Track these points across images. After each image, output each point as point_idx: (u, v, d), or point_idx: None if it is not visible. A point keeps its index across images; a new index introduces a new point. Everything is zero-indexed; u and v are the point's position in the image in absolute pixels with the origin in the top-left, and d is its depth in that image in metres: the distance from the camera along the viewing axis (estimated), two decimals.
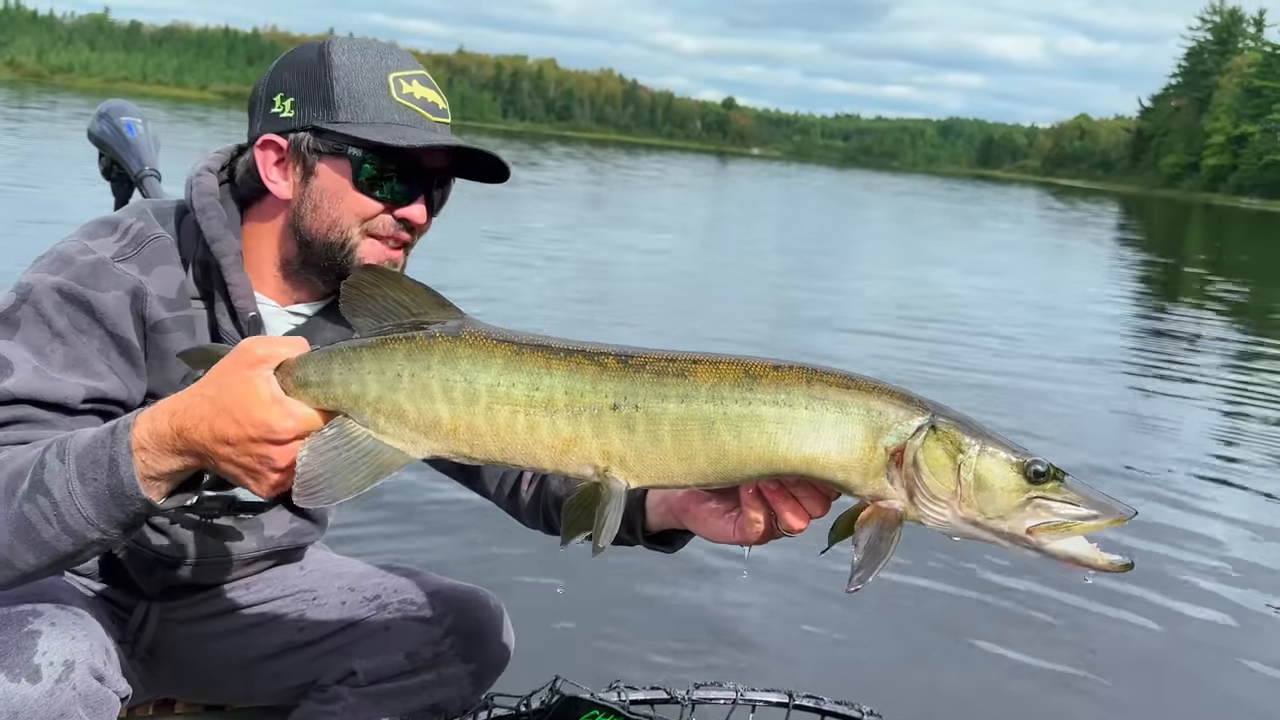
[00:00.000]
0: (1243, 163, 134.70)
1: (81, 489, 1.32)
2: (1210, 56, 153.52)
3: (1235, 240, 39.76)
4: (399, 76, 1.59)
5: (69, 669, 1.41)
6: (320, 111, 1.56)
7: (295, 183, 1.59)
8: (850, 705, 1.67)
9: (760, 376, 1.15)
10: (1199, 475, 5.83)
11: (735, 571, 3.73)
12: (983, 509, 1.12)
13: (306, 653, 1.93)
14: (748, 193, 38.61)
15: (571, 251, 13.02)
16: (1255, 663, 3.51)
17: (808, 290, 11.62)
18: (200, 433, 1.28)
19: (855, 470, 1.14)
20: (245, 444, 1.26)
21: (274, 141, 1.60)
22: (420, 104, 1.60)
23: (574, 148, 71.07)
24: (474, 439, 1.21)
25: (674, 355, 1.20)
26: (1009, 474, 1.12)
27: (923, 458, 1.12)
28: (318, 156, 1.57)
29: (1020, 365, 8.56)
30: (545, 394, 1.18)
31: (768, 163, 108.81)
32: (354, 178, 1.56)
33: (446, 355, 1.21)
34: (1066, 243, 27.84)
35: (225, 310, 1.61)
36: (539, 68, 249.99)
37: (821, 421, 1.13)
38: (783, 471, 1.16)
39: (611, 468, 1.18)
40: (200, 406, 1.29)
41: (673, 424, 1.16)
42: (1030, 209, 47.41)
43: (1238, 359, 10.60)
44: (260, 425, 1.25)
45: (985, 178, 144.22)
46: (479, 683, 1.93)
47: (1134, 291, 17.06)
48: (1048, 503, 1.13)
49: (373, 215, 1.58)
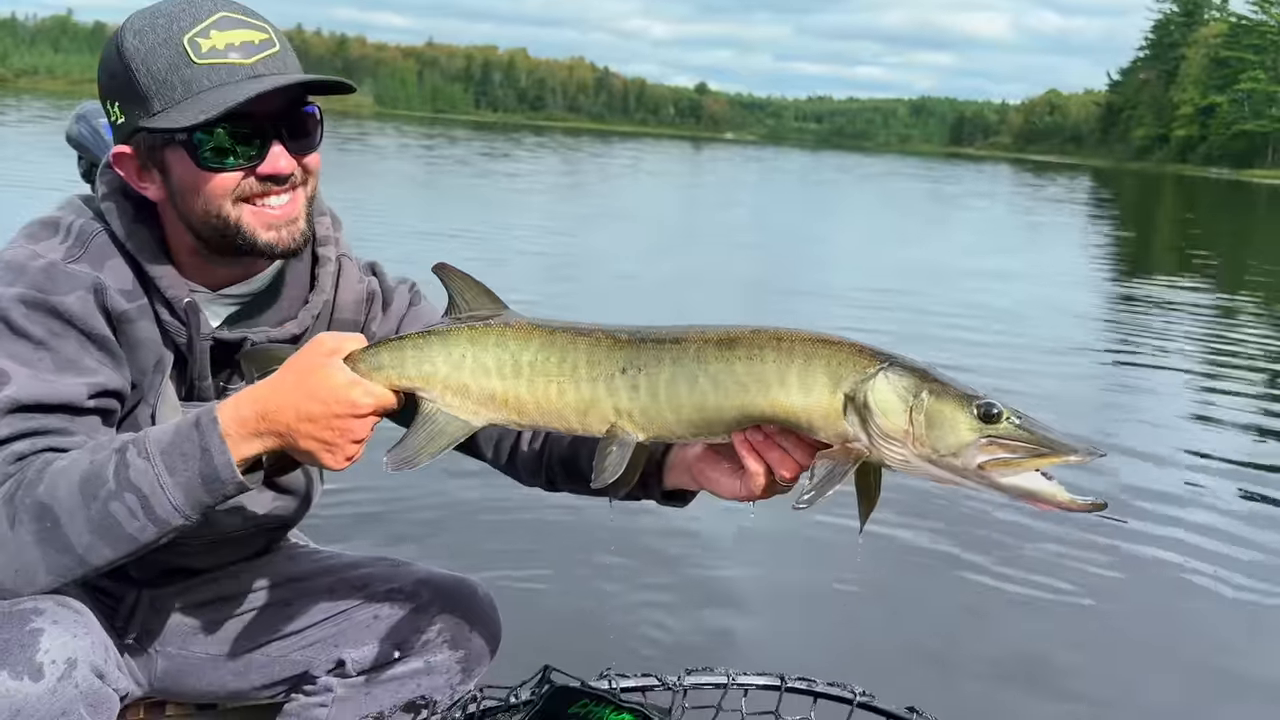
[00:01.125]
0: (1211, 133, 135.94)
1: (171, 480, 1.43)
2: (1177, 28, 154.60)
3: (1206, 210, 40.14)
4: (194, 36, 1.50)
5: (71, 667, 1.42)
6: (137, 108, 1.53)
7: (159, 183, 1.58)
8: (842, 686, 1.67)
9: (737, 338, 1.33)
10: (1176, 436, 5.90)
11: (723, 555, 3.74)
12: (935, 446, 1.21)
13: (295, 642, 1.93)
14: (725, 182, 38.55)
15: (541, 251, 12.95)
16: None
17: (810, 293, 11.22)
18: (285, 414, 1.43)
19: (818, 414, 1.28)
20: (329, 420, 1.43)
21: (124, 153, 1.58)
22: (225, 53, 1.51)
23: (548, 137, 70.91)
24: (520, 406, 1.45)
25: (675, 328, 1.40)
26: (958, 413, 1.21)
27: (875, 400, 1.23)
28: (159, 152, 1.55)
29: (1012, 341, 8.59)
30: (571, 364, 1.41)
31: (742, 147, 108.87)
32: (196, 160, 1.53)
33: (499, 339, 1.45)
34: (1050, 219, 27.97)
35: (160, 302, 1.61)
36: (510, 58, 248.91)
37: (787, 372, 1.29)
38: (757, 417, 1.33)
39: (621, 422, 1.39)
40: (283, 392, 1.44)
41: (665, 382, 1.36)
42: (1007, 186, 47.64)
43: (1212, 321, 10.71)
44: (344, 402, 1.43)
45: (958, 156, 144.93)
46: (468, 671, 1.93)
47: (1112, 263, 17.19)
48: (1000, 440, 1.19)
49: (236, 184, 1.55)
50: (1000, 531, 4.17)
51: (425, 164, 26.97)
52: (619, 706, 1.76)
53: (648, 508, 3.76)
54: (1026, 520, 4.30)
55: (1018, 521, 4.29)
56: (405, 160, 31.43)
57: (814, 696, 1.69)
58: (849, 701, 1.66)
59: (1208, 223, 32.24)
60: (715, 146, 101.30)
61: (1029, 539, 4.13)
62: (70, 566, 1.44)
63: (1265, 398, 7.50)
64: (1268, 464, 5.65)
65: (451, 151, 37.52)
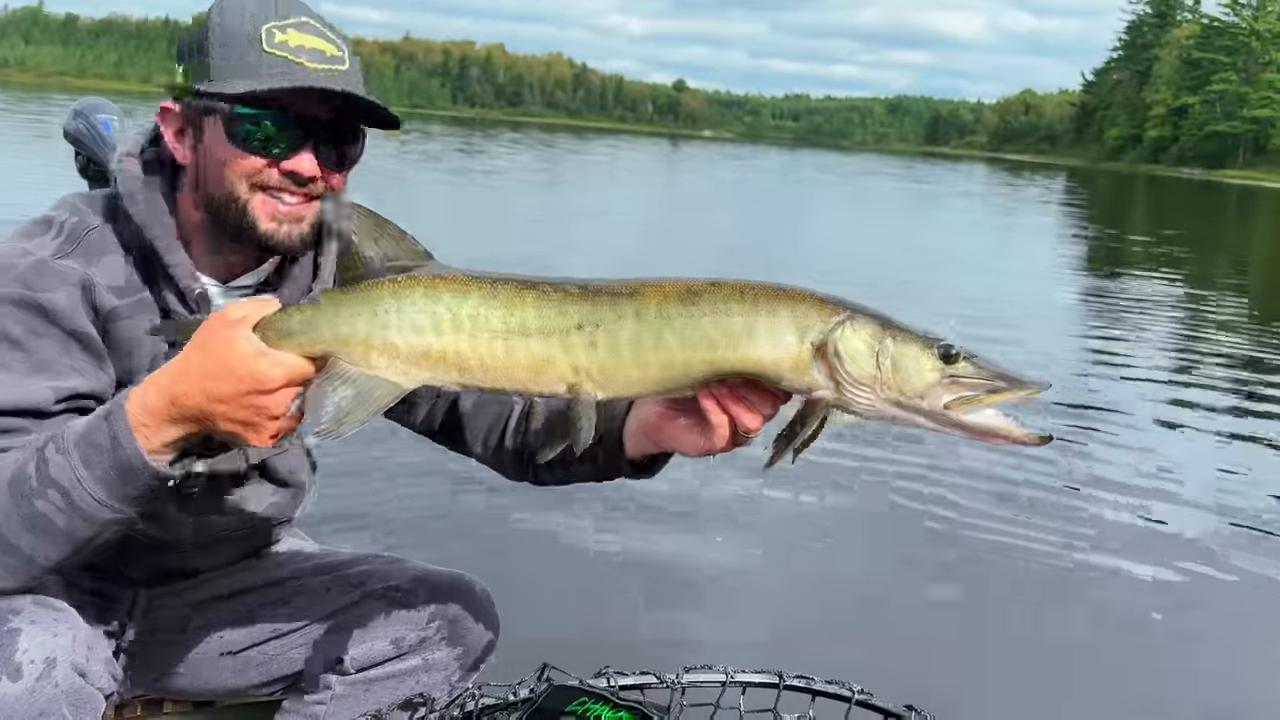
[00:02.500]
0: (1183, 134, 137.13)
1: (88, 474, 1.37)
2: (1150, 29, 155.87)
3: (1177, 211, 40.50)
4: (272, 26, 1.55)
5: (50, 666, 1.41)
6: (201, 74, 1.56)
7: (191, 147, 1.60)
8: (841, 684, 1.68)
9: (700, 292, 1.31)
10: (1151, 420, 5.97)
11: (721, 551, 3.73)
12: (902, 389, 1.24)
13: (293, 640, 1.93)
14: (705, 180, 38.48)
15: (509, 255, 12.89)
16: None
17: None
18: (194, 397, 1.34)
19: (786, 365, 1.28)
20: (239, 399, 1.33)
21: (170, 109, 1.61)
22: (295, 52, 1.55)
23: (524, 134, 70.57)
24: (461, 364, 1.34)
25: (628, 280, 1.34)
26: (922, 355, 1.24)
27: (843, 348, 1.25)
28: (201, 118, 1.57)
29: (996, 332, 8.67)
30: (519, 320, 1.32)
31: (720, 145, 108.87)
32: (228, 134, 1.55)
33: (429, 291, 1.34)
34: (1038, 220, 28.14)
35: (171, 292, 1.61)
36: (487, 53, 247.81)
37: (754, 325, 1.27)
38: (724, 371, 1.31)
39: (581, 382, 1.32)
40: (189, 373, 1.35)
41: (628, 338, 1.30)
42: (990, 186, 47.89)
43: (1185, 319, 10.84)
44: (249, 377, 1.32)
45: (934, 155, 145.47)
46: (466, 668, 1.92)
47: (1089, 261, 17.33)
48: (961, 379, 1.24)
49: (257, 171, 1.56)
50: (996, 531, 4.19)
51: (400, 161, 26.74)
52: (617, 704, 1.76)
53: (642, 502, 3.76)
54: (1023, 515, 4.34)
55: (1014, 516, 4.32)
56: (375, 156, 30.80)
57: (812, 694, 1.69)
58: (847, 699, 1.67)
59: (1181, 222, 32.55)
60: (694, 144, 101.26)
61: (1028, 531, 4.16)
62: (20, 566, 1.41)
63: (1228, 388, 7.61)
64: (1235, 444, 5.74)
65: (425, 147, 37.22)
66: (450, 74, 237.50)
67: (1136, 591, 3.79)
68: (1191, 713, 3.06)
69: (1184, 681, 3.22)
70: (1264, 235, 31.97)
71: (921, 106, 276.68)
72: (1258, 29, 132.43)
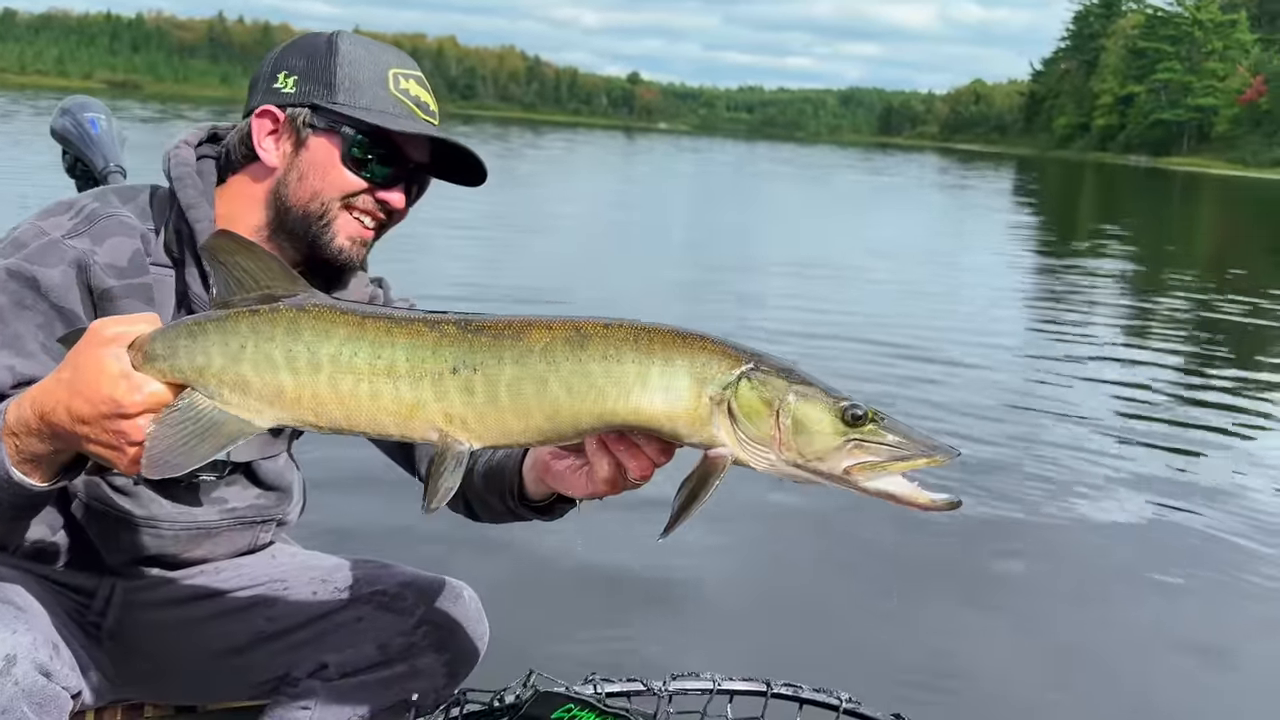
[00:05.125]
0: (1130, 122, 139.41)
1: None
2: (1096, 19, 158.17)
3: (1125, 197, 41.18)
4: (398, 73, 1.70)
5: (10, 663, 1.41)
6: (322, 92, 1.67)
7: (286, 152, 1.68)
8: (828, 692, 1.68)
9: (591, 335, 1.20)
10: (1097, 422, 6.08)
11: (709, 559, 3.73)
12: (801, 451, 1.18)
13: (276, 644, 1.91)
14: (665, 176, 38.37)
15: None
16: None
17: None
18: (59, 415, 1.31)
19: (682, 420, 1.19)
20: (99, 421, 1.29)
21: (271, 112, 1.68)
22: (414, 101, 1.71)
23: (477, 127, 70.03)
24: (318, 407, 1.26)
25: (512, 319, 1.25)
26: (825, 417, 1.17)
27: (740, 405, 1.17)
28: (311, 131, 1.66)
29: (944, 323, 8.78)
30: (387, 362, 1.23)
31: (676, 137, 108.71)
32: (343, 154, 1.66)
33: (290, 326, 1.26)
34: (987, 207, 28.47)
35: (195, 274, 1.67)
36: (439, 46, 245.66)
37: (648, 375, 1.18)
38: (614, 424, 1.22)
39: (453, 430, 1.23)
40: (57, 390, 1.32)
41: (508, 384, 1.21)
42: (949, 177, 48.30)
43: (1132, 303, 11.06)
44: (109, 401, 1.28)
45: (887, 145, 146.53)
46: (453, 674, 1.92)
47: (1039, 248, 17.59)
48: (865, 443, 1.17)
49: (355, 192, 1.68)
50: (986, 536, 4.22)
51: None
52: (604, 711, 1.75)
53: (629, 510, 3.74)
54: (1015, 519, 4.39)
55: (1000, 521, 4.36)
56: None
57: (800, 703, 1.69)
58: (835, 708, 1.67)
59: (1129, 208, 33.10)
60: (650, 137, 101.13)
61: (1014, 542, 4.19)
62: None
63: (1162, 359, 7.79)
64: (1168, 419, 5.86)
65: None
66: None
67: (1133, 595, 3.82)
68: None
69: (1176, 687, 3.23)
70: (1207, 219, 32.66)
71: (874, 98, 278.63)
72: (1200, 19, 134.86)
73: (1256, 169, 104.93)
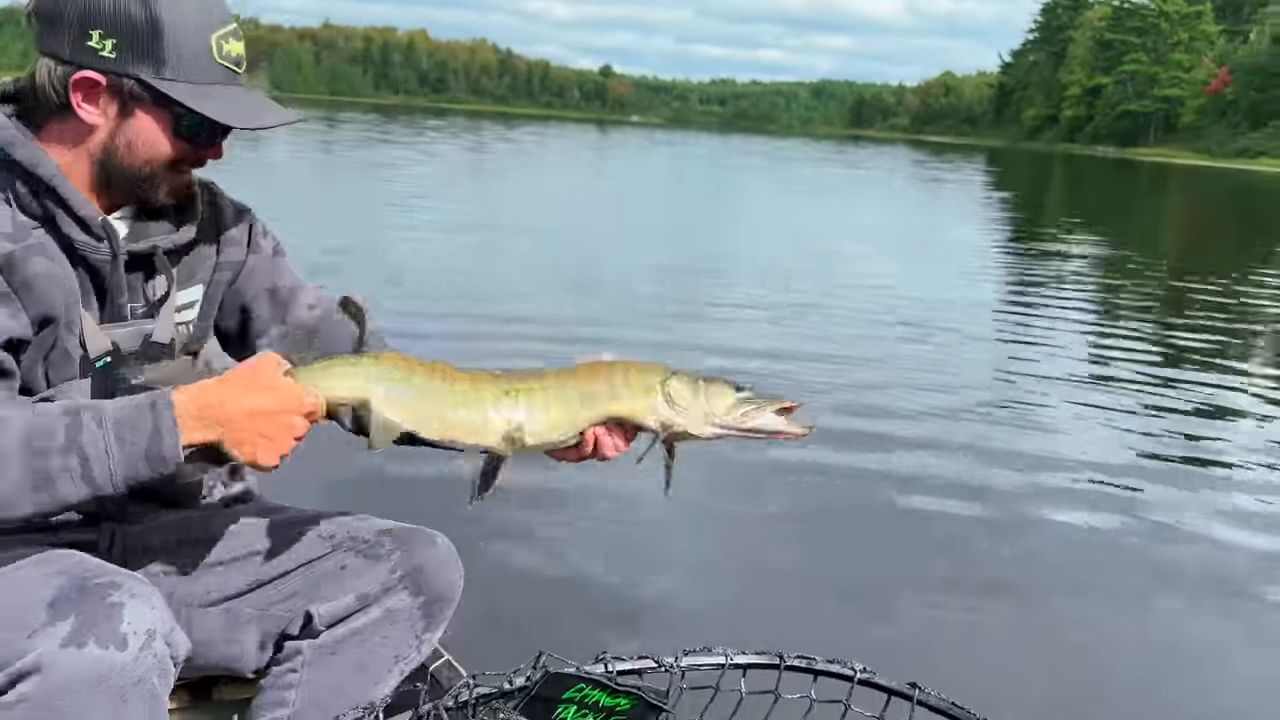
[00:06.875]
0: (1098, 113, 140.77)
1: (119, 453, 1.49)
2: (1064, 11, 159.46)
3: (1093, 188, 41.57)
4: (220, 35, 1.71)
5: (151, 638, 1.50)
6: (148, 66, 1.66)
7: (110, 116, 1.70)
8: (842, 664, 1.66)
9: (581, 371, 1.78)
10: (1066, 400, 6.15)
11: (714, 534, 3.75)
12: (715, 411, 1.77)
13: (272, 593, 1.92)
14: (642, 171, 38.25)
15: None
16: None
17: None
18: (230, 407, 1.54)
19: (644, 409, 1.78)
20: (276, 414, 1.56)
21: (92, 79, 1.67)
22: (235, 62, 1.74)
23: (449, 120, 69.60)
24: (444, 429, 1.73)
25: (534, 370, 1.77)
26: (725, 390, 1.77)
27: (676, 394, 1.77)
28: (138, 103, 1.69)
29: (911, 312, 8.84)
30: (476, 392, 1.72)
31: (649, 130, 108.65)
32: (173, 128, 1.70)
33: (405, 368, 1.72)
34: (960, 198, 28.66)
35: (72, 223, 1.69)
36: (410, 39, 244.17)
37: (615, 389, 1.78)
38: (599, 421, 1.80)
39: (509, 443, 1.73)
40: (235, 389, 1.56)
41: (543, 404, 1.76)
42: (920, 170, 48.58)
43: (1099, 285, 11.19)
44: (293, 399, 1.58)
45: (859, 138, 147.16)
46: (431, 618, 1.92)
47: (1010, 237, 17.75)
48: (749, 401, 1.77)
49: (181, 155, 1.74)
50: (993, 521, 4.26)
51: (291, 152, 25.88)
52: (615, 690, 1.75)
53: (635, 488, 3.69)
54: (1018, 506, 4.44)
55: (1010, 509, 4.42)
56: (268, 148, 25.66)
57: (814, 674, 1.67)
58: (849, 678, 1.65)
59: (1097, 198, 33.43)
60: (623, 130, 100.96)
61: (1020, 526, 4.24)
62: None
63: (1129, 345, 7.89)
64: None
65: (330, 136, 36.34)
66: (372, 61, 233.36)
67: (1136, 569, 3.88)
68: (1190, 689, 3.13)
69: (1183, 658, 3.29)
70: (1173, 208, 33.06)
71: (845, 90, 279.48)
72: (1167, 10, 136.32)
73: (1222, 159, 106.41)
